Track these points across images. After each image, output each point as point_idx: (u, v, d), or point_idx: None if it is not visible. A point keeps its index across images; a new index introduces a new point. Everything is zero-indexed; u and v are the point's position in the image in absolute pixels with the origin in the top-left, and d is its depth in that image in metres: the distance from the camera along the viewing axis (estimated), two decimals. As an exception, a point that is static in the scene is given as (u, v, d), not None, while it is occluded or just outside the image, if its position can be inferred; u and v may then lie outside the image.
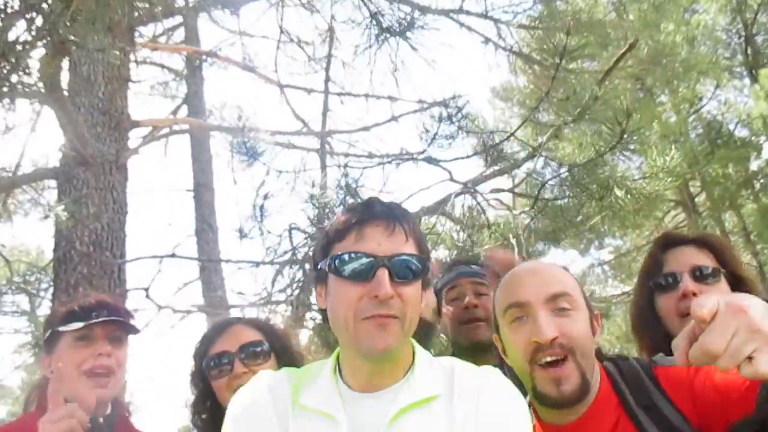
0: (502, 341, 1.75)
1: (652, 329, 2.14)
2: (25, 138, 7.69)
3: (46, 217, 4.57)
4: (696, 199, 14.03)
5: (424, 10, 8.03)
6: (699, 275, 2.08)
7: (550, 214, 4.42)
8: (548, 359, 1.59)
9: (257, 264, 4.76)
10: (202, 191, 9.89)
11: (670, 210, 14.15)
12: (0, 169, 6.57)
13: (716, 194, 12.90)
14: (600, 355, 1.75)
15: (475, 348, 2.62)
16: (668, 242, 2.21)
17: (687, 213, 13.74)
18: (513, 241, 4.19)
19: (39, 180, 6.57)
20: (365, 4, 6.36)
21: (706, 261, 2.12)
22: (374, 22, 6.26)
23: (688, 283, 2.05)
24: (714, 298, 1.14)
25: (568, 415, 1.63)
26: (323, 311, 1.52)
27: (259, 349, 2.28)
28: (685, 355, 1.16)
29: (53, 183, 6.19)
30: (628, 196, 4.00)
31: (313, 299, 4.68)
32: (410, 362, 1.49)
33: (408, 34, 6.50)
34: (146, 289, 5.14)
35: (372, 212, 1.44)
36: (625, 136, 3.77)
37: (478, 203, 4.52)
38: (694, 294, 2.01)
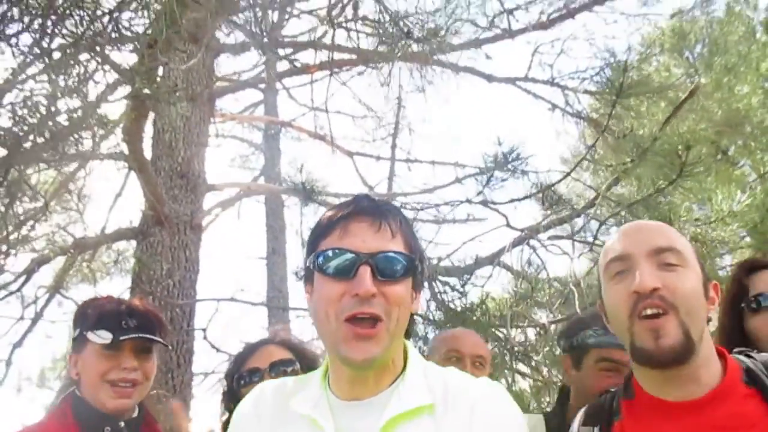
0: (604, 305, 1.58)
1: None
2: (111, 203, 8.14)
3: (115, 262, 4.77)
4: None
5: (491, 78, 8.23)
6: None
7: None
8: (648, 311, 1.42)
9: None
10: (275, 258, 10.18)
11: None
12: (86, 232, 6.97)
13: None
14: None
15: None
16: (752, 266, 2.25)
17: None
18: (573, 288, 4.05)
19: (120, 239, 6.89)
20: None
21: None
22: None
23: None
24: None
25: (677, 388, 1.46)
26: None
27: (290, 368, 2.30)
28: None
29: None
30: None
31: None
32: (400, 369, 1.41)
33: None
34: (204, 330, 5.23)
35: (358, 207, 1.39)
36: (685, 170, 3.65)
37: (536, 252, 4.41)
38: None
